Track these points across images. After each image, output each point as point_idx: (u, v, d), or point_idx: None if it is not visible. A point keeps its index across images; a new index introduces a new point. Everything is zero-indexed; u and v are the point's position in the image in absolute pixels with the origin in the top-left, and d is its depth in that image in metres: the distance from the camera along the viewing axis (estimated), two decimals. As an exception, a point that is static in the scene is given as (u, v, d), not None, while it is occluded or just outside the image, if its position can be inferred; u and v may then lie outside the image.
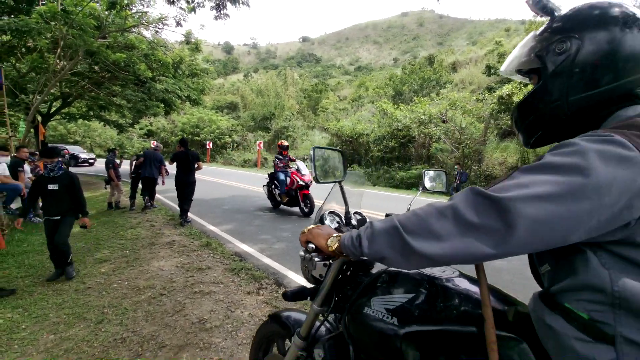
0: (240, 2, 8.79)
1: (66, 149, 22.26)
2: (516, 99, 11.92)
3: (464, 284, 0.91)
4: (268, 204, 8.13)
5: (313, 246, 0.96)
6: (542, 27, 0.81)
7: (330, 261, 1.10)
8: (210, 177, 15.75)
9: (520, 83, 15.39)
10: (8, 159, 5.97)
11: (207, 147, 27.84)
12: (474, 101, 15.85)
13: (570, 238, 0.55)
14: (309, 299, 1.17)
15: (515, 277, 3.67)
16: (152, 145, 8.78)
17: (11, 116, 15.29)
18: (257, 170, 21.41)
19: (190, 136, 30.61)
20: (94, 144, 39.87)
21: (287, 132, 27.45)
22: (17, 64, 11.23)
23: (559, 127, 0.77)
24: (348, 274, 1.15)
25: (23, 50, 10.92)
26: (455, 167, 13.21)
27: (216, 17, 9.01)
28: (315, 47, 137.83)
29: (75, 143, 39.26)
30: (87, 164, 22.32)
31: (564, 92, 0.73)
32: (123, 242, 5.20)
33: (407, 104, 19.19)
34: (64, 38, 9.10)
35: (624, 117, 0.67)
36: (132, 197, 7.96)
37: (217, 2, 8.82)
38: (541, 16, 0.79)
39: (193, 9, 9.61)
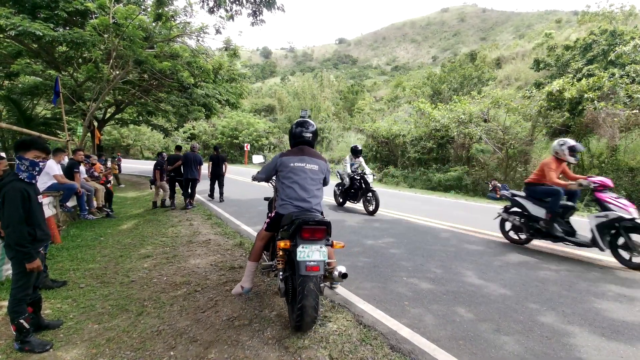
0: (276, 7, 8.97)
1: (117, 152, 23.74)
2: (568, 94, 11.01)
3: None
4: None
5: (252, 177, 3.37)
6: None
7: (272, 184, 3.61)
8: (248, 177, 16.22)
9: (574, 77, 14.21)
10: (66, 159, 6.54)
11: (245, 149, 28.73)
12: (519, 98, 14.88)
13: (270, 174, 3.05)
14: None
15: (562, 289, 3.37)
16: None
17: (70, 122, 16.84)
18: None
19: (229, 139, 31.82)
20: (144, 147, 42.75)
21: (323, 134, 27.58)
22: (75, 74, 12.27)
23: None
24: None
25: (80, 60, 11.94)
26: (492, 182, 12.49)
27: (252, 24, 9.25)
28: (352, 49, 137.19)
29: (128, 146, 42.41)
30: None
31: (289, 141, 3.10)
32: (164, 239, 5.50)
33: (445, 104, 18.48)
34: (116, 49, 9.83)
35: (293, 148, 2.99)
36: (172, 197, 8.41)
37: (254, 9, 9.07)
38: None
39: (231, 17, 9.96)
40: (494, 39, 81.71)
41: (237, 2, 9.16)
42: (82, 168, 7.52)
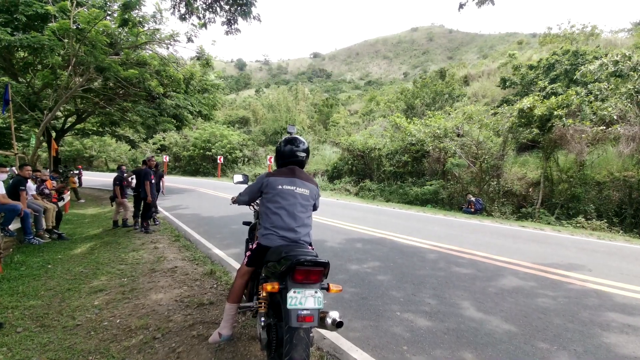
0: (252, 16, 8.62)
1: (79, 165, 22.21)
2: (538, 112, 11.36)
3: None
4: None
5: (232, 200, 3.04)
6: None
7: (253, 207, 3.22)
8: (221, 192, 15.49)
9: (538, 95, 14.81)
10: (5, 175, 5.74)
11: (219, 161, 27.81)
12: (490, 114, 15.31)
13: (255, 196, 2.69)
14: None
15: (567, 321, 3.12)
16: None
17: (27, 132, 15.50)
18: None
19: (201, 151, 30.74)
20: (109, 158, 40.51)
21: (298, 147, 27.16)
22: (33, 81, 11.31)
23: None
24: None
25: (39, 67, 11.00)
26: (467, 195, 12.87)
27: (227, 32, 8.84)
28: (326, 63, 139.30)
29: (91, 157, 40.01)
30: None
31: (276, 160, 2.70)
32: (123, 267, 4.84)
33: (419, 118, 18.74)
34: (76, 55, 9.08)
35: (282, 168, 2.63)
36: (136, 216, 7.67)
37: (228, 17, 8.67)
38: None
39: (204, 25, 9.50)
40: (460, 58, 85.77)
41: (211, 10, 8.72)
42: (31, 185, 6.68)
